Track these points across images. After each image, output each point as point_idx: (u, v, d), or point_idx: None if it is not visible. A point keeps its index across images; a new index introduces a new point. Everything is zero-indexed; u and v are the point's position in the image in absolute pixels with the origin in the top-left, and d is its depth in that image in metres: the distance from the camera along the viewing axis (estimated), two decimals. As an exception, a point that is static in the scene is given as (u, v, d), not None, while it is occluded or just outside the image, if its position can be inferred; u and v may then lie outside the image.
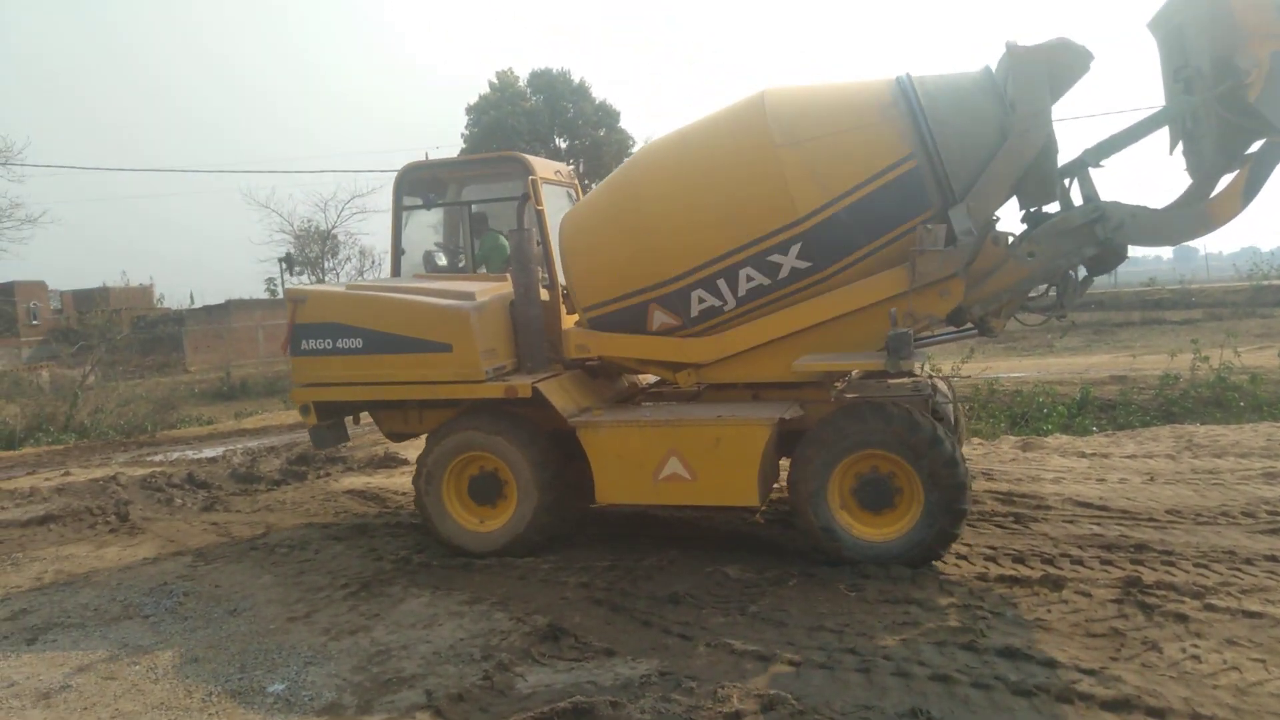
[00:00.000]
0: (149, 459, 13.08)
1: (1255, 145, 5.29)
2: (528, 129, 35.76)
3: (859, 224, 5.60)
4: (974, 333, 6.35)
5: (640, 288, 6.11)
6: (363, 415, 7.45)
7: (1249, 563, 5.39)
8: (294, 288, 7.51)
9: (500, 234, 7.72)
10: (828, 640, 4.65)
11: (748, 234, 5.73)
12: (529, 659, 4.68)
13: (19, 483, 11.10)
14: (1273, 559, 5.41)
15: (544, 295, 6.80)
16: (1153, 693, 3.84)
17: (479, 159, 10.97)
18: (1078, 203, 5.78)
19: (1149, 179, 7.09)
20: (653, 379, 7.41)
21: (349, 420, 7.39)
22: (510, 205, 7.25)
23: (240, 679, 4.71)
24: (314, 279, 36.66)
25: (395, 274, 7.81)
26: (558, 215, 7.05)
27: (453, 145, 39.89)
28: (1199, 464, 8.00)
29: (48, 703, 4.58)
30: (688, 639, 4.81)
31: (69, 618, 5.87)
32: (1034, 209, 5.94)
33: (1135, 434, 9.85)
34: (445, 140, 51.70)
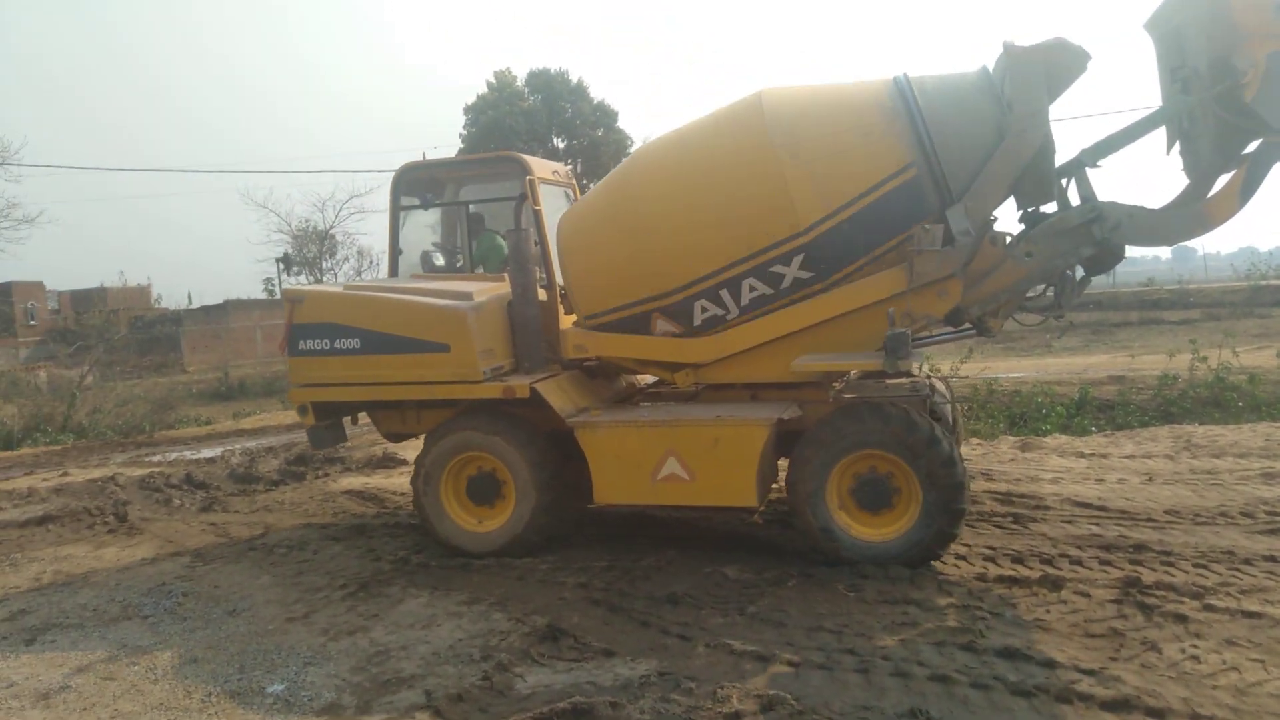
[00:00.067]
0: (147, 459, 13.06)
1: (1252, 145, 5.29)
2: (525, 129, 35.73)
3: (861, 233, 5.62)
4: (972, 333, 6.37)
5: (643, 298, 6.11)
6: (361, 415, 7.44)
7: (1248, 563, 5.40)
8: (291, 288, 7.50)
9: (498, 234, 7.72)
10: (827, 641, 4.65)
11: (749, 240, 5.74)
12: (528, 659, 4.68)
13: (17, 483, 11.09)
14: (1271, 559, 5.42)
15: (541, 295, 6.80)
16: (1152, 693, 3.84)
17: (476, 159, 10.96)
18: (1075, 203, 5.79)
19: (1146, 179, 7.11)
20: (651, 379, 7.41)
21: (347, 420, 7.39)
22: (508, 205, 7.24)
23: (239, 679, 4.71)
24: (312, 279, 36.55)
25: (393, 274, 7.79)
26: (555, 215, 7.05)
27: (451, 145, 39.92)
28: (1197, 464, 8.00)
29: (47, 703, 4.58)
30: (686, 639, 4.81)
31: (68, 618, 5.86)
32: (1031, 209, 5.93)
33: (1134, 434, 9.86)
34: (444, 140, 51.91)
